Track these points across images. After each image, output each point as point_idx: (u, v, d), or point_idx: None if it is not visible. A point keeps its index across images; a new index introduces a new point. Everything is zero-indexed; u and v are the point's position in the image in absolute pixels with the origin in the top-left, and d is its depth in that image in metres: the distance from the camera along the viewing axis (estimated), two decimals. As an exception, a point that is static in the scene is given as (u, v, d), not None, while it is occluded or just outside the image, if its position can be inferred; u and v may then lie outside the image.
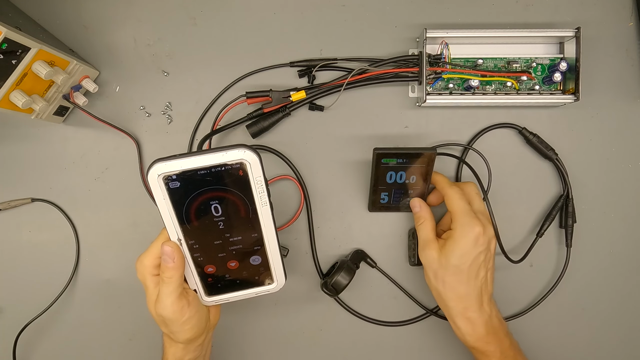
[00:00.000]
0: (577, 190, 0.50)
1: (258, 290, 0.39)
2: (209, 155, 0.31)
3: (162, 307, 0.35)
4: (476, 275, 0.42)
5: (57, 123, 0.50)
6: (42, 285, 0.51)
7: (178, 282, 0.35)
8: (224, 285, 0.38)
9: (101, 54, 0.50)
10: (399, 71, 0.48)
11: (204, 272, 0.37)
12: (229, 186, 0.33)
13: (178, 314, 0.36)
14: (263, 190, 0.33)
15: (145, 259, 0.36)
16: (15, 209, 0.51)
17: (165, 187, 0.32)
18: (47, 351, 0.51)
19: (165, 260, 0.34)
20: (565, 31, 0.47)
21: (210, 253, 0.36)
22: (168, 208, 0.33)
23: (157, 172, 0.31)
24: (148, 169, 0.31)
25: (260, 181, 0.33)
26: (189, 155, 0.31)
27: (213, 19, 0.50)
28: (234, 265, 0.37)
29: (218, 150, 0.31)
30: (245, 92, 0.48)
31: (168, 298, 0.35)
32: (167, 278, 0.35)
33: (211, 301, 0.38)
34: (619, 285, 0.51)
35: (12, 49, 0.38)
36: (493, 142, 0.50)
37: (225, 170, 0.32)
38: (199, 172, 0.31)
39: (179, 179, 0.32)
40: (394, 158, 0.44)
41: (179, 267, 0.35)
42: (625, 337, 0.51)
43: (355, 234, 0.51)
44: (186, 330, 0.37)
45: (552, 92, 0.49)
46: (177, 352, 0.39)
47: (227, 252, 0.36)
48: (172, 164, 0.31)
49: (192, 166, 0.31)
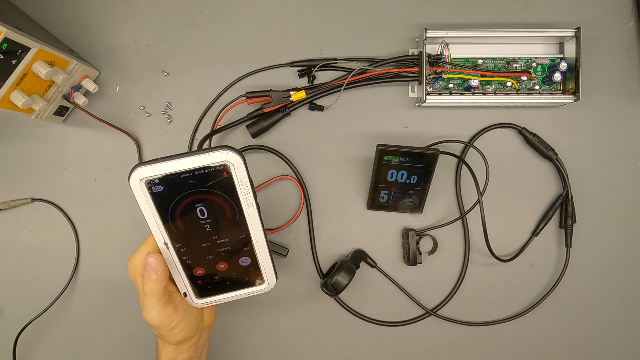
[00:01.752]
0: (577, 190, 0.50)
1: (249, 290, 0.38)
2: (191, 158, 0.30)
3: (149, 317, 0.35)
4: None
5: (57, 123, 0.50)
6: (42, 285, 0.51)
7: (161, 294, 0.34)
8: (214, 287, 0.38)
9: (101, 54, 0.50)
10: (399, 71, 0.48)
11: (193, 274, 0.36)
12: (214, 188, 0.32)
13: (165, 321, 0.35)
14: (249, 192, 0.33)
15: (135, 259, 0.36)
16: (15, 209, 0.51)
17: (148, 191, 0.31)
18: (47, 351, 0.51)
19: (149, 272, 0.33)
20: (565, 31, 0.47)
21: (198, 255, 0.35)
22: (152, 212, 0.32)
23: (139, 177, 0.30)
24: (129, 174, 0.30)
25: (245, 182, 0.32)
26: (171, 159, 0.30)
27: (213, 19, 0.50)
28: (223, 267, 0.36)
29: (200, 153, 0.30)
30: (245, 92, 0.48)
31: (153, 309, 0.35)
32: (149, 291, 0.34)
33: (202, 303, 0.38)
34: (619, 285, 0.51)
35: (12, 49, 0.38)
36: (493, 142, 0.50)
37: (209, 172, 0.31)
38: (182, 175, 0.31)
39: (162, 182, 0.31)
40: (396, 156, 0.44)
41: (162, 280, 0.34)
42: (625, 337, 0.51)
43: (355, 233, 0.51)
44: (175, 334, 0.37)
45: (552, 92, 0.49)
46: (170, 353, 0.39)
47: (215, 254, 0.35)
48: (154, 168, 0.30)
49: (174, 170, 0.30)
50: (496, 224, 0.50)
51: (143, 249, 0.36)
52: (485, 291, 0.51)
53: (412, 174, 0.45)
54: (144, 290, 0.34)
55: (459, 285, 0.50)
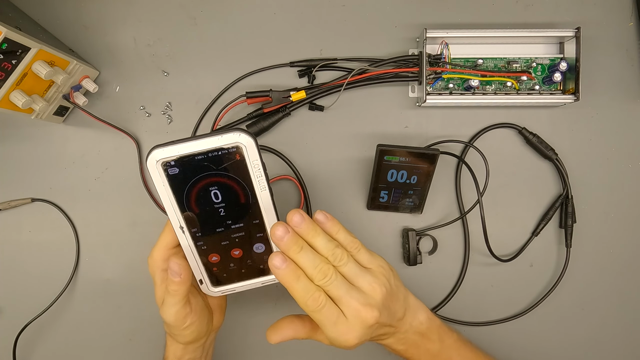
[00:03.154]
0: (577, 190, 0.50)
1: (264, 279, 0.39)
2: (205, 139, 0.31)
3: (166, 314, 0.36)
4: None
5: (57, 123, 0.50)
6: (42, 285, 0.51)
7: (183, 295, 0.35)
8: (230, 275, 0.38)
9: (101, 54, 0.50)
10: (399, 71, 0.48)
11: (209, 261, 0.37)
12: (227, 171, 0.33)
13: (180, 321, 0.36)
14: (261, 174, 0.33)
15: (154, 252, 0.36)
16: (15, 209, 0.51)
17: (165, 173, 0.32)
18: (47, 351, 0.51)
19: (172, 275, 0.34)
20: (565, 31, 0.47)
21: (213, 241, 0.36)
22: (168, 195, 0.33)
23: (156, 158, 0.32)
24: (147, 155, 0.32)
25: (258, 165, 0.33)
26: (186, 141, 0.31)
27: (213, 19, 0.50)
28: (237, 253, 0.37)
29: (214, 135, 0.31)
30: (245, 92, 0.48)
31: (172, 308, 0.35)
32: (172, 291, 0.35)
33: (217, 291, 0.38)
34: (618, 285, 0.51)
35: (12, 49, 0.38)
36: (493, 142, 0.50)
37: (222, 154, 0.32)
38: (196, 157, 0.32)
39: (177, 164, 0.32)
40: (396, 156, 0.44)
41: (186, 282, 0.35)
42: (625, 337, 0.51)
43: (354, 233, 0.51)
44: (186, 335, 0.37)
45: (552, 92, 0.49)
46: (177, 351, 0.39)
47: (230, 239, 0.36)
48: (170, 150, 0.31)
49: (190, 151, 0.31)
50: (496, 224, 0.50)
51: (162, 241, 0.36)
52: (485, 291, 0.51)
53: (412, 174, 0.45)
54: (168, 289, 0.35)
55: (459, 285, 0.50)
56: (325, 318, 0.33)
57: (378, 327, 0.35)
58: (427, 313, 0.41)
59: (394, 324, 0.37)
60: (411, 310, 0.39)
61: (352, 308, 0.33)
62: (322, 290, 0.33)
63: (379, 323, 0.34)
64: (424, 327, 0.40)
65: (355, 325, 0.33)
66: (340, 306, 0.33)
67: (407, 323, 0.39)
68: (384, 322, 0.35)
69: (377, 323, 0.34)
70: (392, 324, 0.37)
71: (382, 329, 0.36)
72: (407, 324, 0.39)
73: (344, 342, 0.33)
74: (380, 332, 0.36)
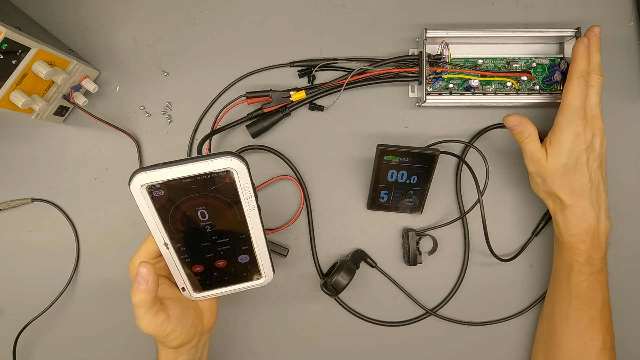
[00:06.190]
0: (577, 190, 0.50)
1: (246, 285, 0.39)
2: (193, 164, 0.30)
3: (140, 326, 0.35)
4: (582, 172, 0.42)
5: (57, 123, 0.50)
6: (42, 285, 0.51)
7: (150, 304, 0.34)
8: (212, 282, 0.38)
9: (101, 54, 0.50)
10: (399, 71, 0.48)
11: (192, 271, 0.36)
12: (216, 193, 0.32)
13: (158, 330, 0.35)
14: (251, 196, 0.32)
15: (135, 259, 0.36)
16: (15, 209, 0.51)
17: (149, 195, 0.31)
18: (47, 351, 0.51)
19: (139, 282, 0.33)
20: (565, 31, 0.47)
21: (198, 254, 0.35)
22: (153, 216, 0.32)
23: (140, 183, 0.30)
24: (130, 179, 0.30)
25: (248, 187, 0.32)
26: (173, 165, 0.30)
27: (213, 19, 0.50)
28: (222, 264, 0.36)
29: (203, 159, 0.30)
30: (245, 92, 0.48)
31: (143, 319, 0.34)
32: (137, 301, 0.33)
33: (199, 297, 0.38)
34: (618, 285, 0.51)
35: (12, 49, 0.38)
36: (493, 142, 0.50)
37: (212, 177, 0.31)
38: (184, 180, 0.30)
39: (163, 187, 0.30)
40: (396, 156, 0.44)
41: (151, 291, 0.33)
42: (625, 337, 0.51)
43: (355, 233, 0.51)
44: (171, 340, 0.37)
45: (552, 92, 0.49)
46: (169, 355, 0.39)
47: (214, 252, 0.35)
48: (156, 174, 0.30)
49: (176, 176, 0.30)
50: (496, 224, 0.50)
51: (143, 249, 0.36)
52: (485, 291, 0.51)
53: (412, 174, 0.45)
54: (132, 300, 0.34)
55: (459, 285, 0.50)
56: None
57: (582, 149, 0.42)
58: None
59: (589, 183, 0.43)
60: (603, 212, 0.44)
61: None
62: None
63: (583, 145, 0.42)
64: (605, 231, 0.44)
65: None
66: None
67: (602, 210, 0.43)
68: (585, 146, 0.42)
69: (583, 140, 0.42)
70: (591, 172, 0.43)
71: (583, 153, 0.42)
72: (602, 210, 0.43)
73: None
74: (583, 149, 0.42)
